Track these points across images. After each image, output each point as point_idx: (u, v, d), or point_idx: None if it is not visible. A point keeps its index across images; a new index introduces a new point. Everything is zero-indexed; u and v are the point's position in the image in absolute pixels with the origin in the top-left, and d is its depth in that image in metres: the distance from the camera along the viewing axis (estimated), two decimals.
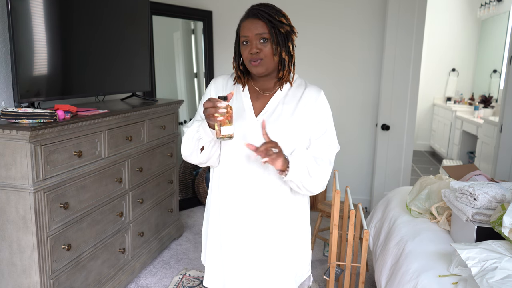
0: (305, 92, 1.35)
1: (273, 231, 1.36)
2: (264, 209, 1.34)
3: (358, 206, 2.13)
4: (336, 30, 3.73)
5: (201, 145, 1.31)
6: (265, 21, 1.25)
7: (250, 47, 1.26)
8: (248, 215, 1.35)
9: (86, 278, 2.08)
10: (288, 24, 1.29)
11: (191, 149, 1.34)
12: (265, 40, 1.26)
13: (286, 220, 1.38)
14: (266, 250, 1.37)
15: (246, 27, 1.27)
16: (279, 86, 1.36)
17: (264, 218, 1.35)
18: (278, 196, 1.35)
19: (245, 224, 1.35)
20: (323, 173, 1.30)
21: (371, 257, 2.84)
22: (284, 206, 1.36)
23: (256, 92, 1.37)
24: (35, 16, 1.89)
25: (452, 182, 1.92)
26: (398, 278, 1.72)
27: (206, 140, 1.30)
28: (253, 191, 1.33)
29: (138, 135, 2.48)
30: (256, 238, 1.36)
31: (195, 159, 1.36)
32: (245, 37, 1.27)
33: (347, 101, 3.84)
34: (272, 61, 1.28)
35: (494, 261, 1.40)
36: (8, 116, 1.70)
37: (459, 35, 6.53)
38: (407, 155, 3.71)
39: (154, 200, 2.74)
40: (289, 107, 1.33)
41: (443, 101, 6.71)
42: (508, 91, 3.03)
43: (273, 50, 1.26)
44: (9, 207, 1.73)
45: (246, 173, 1.32)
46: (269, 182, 1.33)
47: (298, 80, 1.40)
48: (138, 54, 2.73)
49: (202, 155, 1.33)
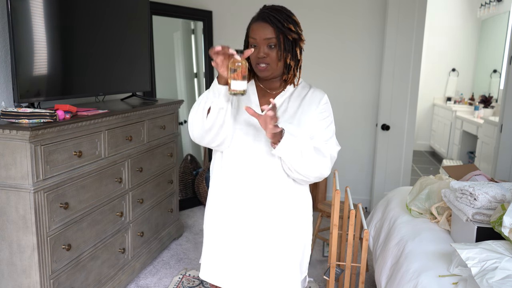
0: (309, 93, 1.41)
1: (276, 224, 1.38)
2: (266, 200, 1.36)
3: (358, 206, 2.13)
4: (336, 30, 3.73)
5: (207, 107, 1.27)
6: (274, 27, 1.28)
7: (257, 50, 1.31)
8: (250, 206, 1.37)
9: (86, 278, 2.08)
10: (296, 31, 1.32)
11: (199, 116, 1.29)
12: (272, 46, 1.30)
13: (289, 214, 1.40)
14: (268, 243, 1.39)
15: (255, 30, 1.31)
16: (283, 86, 1.41)
17: (267, 211, 1.37)
18: (281, 188, 1.37)
19: (247, 216, 1.37)
20: (317, 161, 1.31)
21: (371, 257, 2.84)
22: (286, 199, 1.38)
23: (262, 90, 1.42)
24: (35, 16, 1.89)
25: (452, 182, 1.92)
26: (398, 278, 1.72)
27: (216, 102, 1.24)
28: (255, 180, 1.35)
29: (138, 135, 2.48)
30: (258, 231, 1.38)
31: (198, 127, 1.31)
32: (253, 39, 1.31)
33: (347, 101, 3.84)
34: (277, 66, 1.32)
35: (494, 261, 1.40)
36: (8, 116, 1.70)
37: (459, 35, 6.53)
38: (407, 155, 3.71)
39: (154, 200, 2.74)
40: (294, 105, 1.38)
41: (443, 101, 6.71)
42: (508, 91, 3.03)
43: (279, 56, 1.31)
44: (9, 207, 1.72)
45: (250, 162, 1.34)
46: (272, 171, 1.35)
47: (302, 83, 1.45)
48: (138, 54, 2.73)
49: (208, 120, 1.27)
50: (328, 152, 1.35)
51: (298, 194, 1.42)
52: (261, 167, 1.35)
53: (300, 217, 1.44)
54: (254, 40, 1.31)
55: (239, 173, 1.36)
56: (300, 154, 1.28)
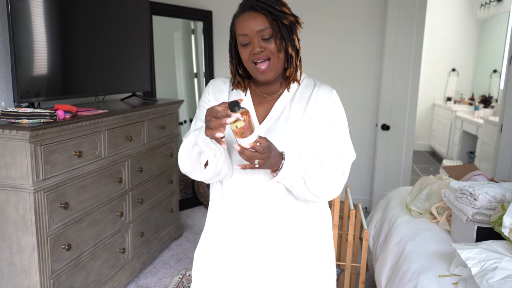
0: (315, 92, 1.19)
1: (294, 256, 1.17)
2: (278, 231, 1.15)
3: (358, 206, 2.13)
4: (336, 30, 3.73)
5: (204, 160, 1.07)
6: (265, 14, 1.07)
7: (251, 46, 1.09)
8: (259, 231, 1.15)
9: (86, 278, 2.07)
10: (291, 14, 1.11)
11: (192, 165, 1.10)
12: (268, 38, 1.08)
13: (302, 234, 1.18)
14: (284, 269, 1.17)
15: (244, 24, 1.09)
16: (286, 86, 1.19)
17: (281, 243, 1.16)
18: (292, 212, 1.16)
19: (256, 242, 1.16)
20: (325, 183, 1.11)
21: (371, 257, 2.84)
22: (300, 223, 1.18)
23: (259, 97, 1.20)
24: (35, 16, 1.89)
25: (452, 182, 1.92)
26: (398, 278, 1.72)
27: (209, 154, 1.05)
28: (260, 202, 1.14)
29: (138, 135, 2.48)
30: (271, 257, 1.16)
31: (199, 176, 1.12)
32: (244, 36, 1.09)
33: (347, 101, 3.84)
34: (279, 59, 1.11)
35: (494, 261, 1.40)
36: (8, 116, 1.70)
37: (459, 35, 6.53)
38: (407, 155, 3.71)
39: (154, 200, 2.74)
40: (298, 109, 1.16)
41: (443, 101, 6.71)
42: (508, 91, 3.03)
43: (278, 46, 1.09)
44: (9, 207, 1.72)
45: (252, 184, 1.14)
46: (275, 190, 1.14)
47: (306, 79, 1.23)
48: (138, 54, 2.73)
49: (207, 171, 1.09)
50: (340, 168, 1.15)
51: (313, 215, 1.20)
52: (266, 193, 1.13)
53: (320, 239, 1.22)
54: (245, 37, 1.09)
55: (243, 203, 1.15)
56: (304, 181, 1.09)
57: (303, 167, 1.08)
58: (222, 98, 1.21)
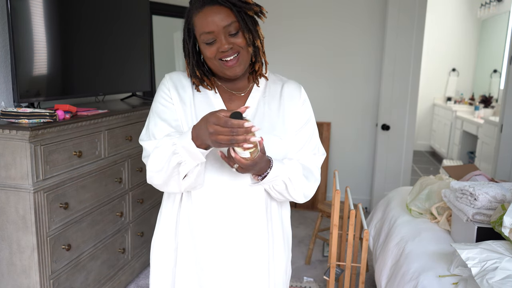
0: (285, 88, 1.15)
1: (259, 248, 1.12)
2: (250, 225, 1.09)
3: (358, 206, 2.13)
4: (336, 30, 3.73)
5: (184, 172, 0.96)
6: (229, 6, 0.99)
7: (218, 44, 1.00)
8: (228, 231, 1.08)
9: (86, 278, 2.07)
10: (254, 3, 1.03)
11: (166, 178, 0.98)
12: (236, 32, 1.01)
13: (272, 234, 1.14)
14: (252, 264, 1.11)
15: (206, 20, 0.99)
16: (254, 81, 1.13)
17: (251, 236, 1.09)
18: (263, 209, 1.11)
19: (226, 243, 1.09)
20: (305, 186, 1.10)
21: (371, 257, 2.84)
22: (269, 218, 1.13)
23: (227, 93, 1.12)
24: (35, 16, 1.89)
25: (452, 182, 1.92)
26: (398, 278, 1.72)
27: (191, 164, 0.94)
28: (236, 205, 1.07)
29: (138, 135, 2.48)
30: (239, 256, 1.10)
31: (175, 189, 1.02)
32: (208, 34, 1.00)
33: (347, 101, 3.84)
34: (248, 53, 1.05)
35: (494, 261, 1.40)
36: (8, 116, 1.70)
37: (459, 35, 6.53)
38: (407, 155, 3.71)
39: (154, 200, 2.74)
40: (272, 106, 1.12)
41: (443, 101, 6.71)
42: (508, 91, 3.02)
43: (247, 40, 1.02)
44: (9, 207, 1.72)
45: (229, 188, 1.07)
46: (253, 193, 1.08)
47: (271, 74, 1.18)
48: (138, 54, 2.72)
49: (185, 182, 0.98)
50: (315, 165, 1.14)
51: (283, 214, 1.19)
52: (244, 196, 1.07)
53: (283, 238, 1.19)
54: (210, 35, 1.00)
55: (215, 207, 1.06)
56: (286, 185, 1.05)
57: (287, 173, 1.04)
58: (186, 96, 1.10)
